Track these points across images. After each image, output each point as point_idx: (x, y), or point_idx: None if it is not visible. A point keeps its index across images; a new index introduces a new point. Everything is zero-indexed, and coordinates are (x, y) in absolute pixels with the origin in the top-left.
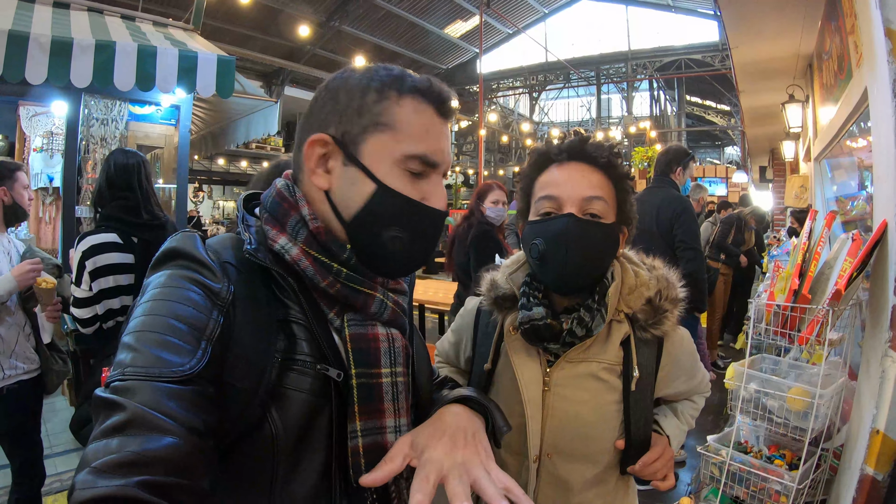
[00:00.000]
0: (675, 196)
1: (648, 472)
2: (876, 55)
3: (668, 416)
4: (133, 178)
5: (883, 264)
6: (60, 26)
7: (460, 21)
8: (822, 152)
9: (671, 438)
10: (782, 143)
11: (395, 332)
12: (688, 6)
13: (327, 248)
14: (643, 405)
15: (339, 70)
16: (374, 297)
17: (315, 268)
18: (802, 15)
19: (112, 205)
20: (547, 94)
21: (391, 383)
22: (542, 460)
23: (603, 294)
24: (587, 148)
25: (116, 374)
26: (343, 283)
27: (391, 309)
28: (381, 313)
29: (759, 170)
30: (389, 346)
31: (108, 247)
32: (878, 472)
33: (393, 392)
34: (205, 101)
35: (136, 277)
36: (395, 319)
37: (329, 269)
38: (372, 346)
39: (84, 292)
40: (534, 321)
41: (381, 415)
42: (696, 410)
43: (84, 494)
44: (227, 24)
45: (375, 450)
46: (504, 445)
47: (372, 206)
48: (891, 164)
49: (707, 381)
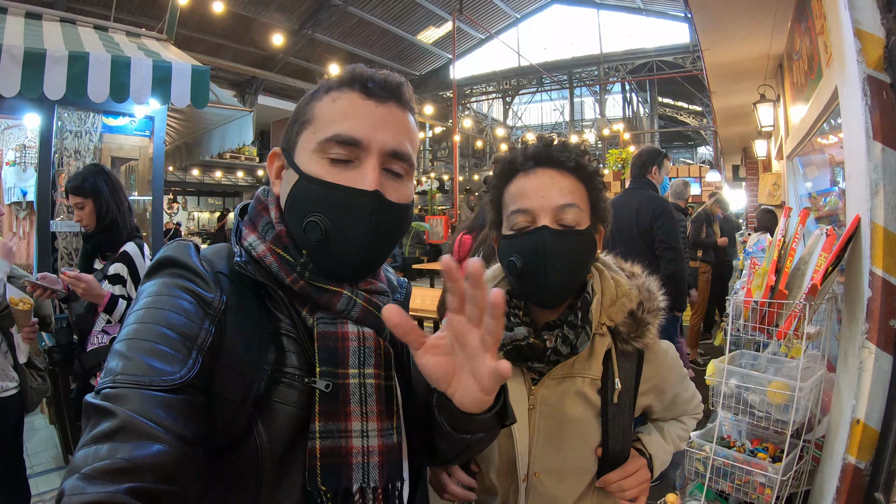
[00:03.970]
0: (654, 197)
1: (617, 488)
2: (846, 55)
3: (652, 434)
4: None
5: (857, 258)
6: (33, 37)
7: (433, 27)
8: (794, 150)
9: (653, 457)
10: (754, 142)
11: (368, 331)
12: (659, 9)
13: (288, 249)
14: (621, 419)
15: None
16: (341, 294)
17: (279, 264)
18: (773, 17)
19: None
20: (520, 98)
21: (359, 384)
22: (529, 479)
23: (586, 310)
24: (553, 152)
25: (107, 381)
26: (307, 280)
27: (361, 306)
28: (349, 311)
29: (732, 169)
30: (360, 346)
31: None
32: (859, 461)
33: (361, 394)
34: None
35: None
36: (367, 317)
37: (293, 267)
38: (340, 346)
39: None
40: (516, 342)
41: (345, 417)
42: (686, 433)
43: (73, 500)
44: (199, 34)
45: (335, 454)
46: (492, 467)
47: (293, 196)
48: (862, 161)
49: (699, 403)
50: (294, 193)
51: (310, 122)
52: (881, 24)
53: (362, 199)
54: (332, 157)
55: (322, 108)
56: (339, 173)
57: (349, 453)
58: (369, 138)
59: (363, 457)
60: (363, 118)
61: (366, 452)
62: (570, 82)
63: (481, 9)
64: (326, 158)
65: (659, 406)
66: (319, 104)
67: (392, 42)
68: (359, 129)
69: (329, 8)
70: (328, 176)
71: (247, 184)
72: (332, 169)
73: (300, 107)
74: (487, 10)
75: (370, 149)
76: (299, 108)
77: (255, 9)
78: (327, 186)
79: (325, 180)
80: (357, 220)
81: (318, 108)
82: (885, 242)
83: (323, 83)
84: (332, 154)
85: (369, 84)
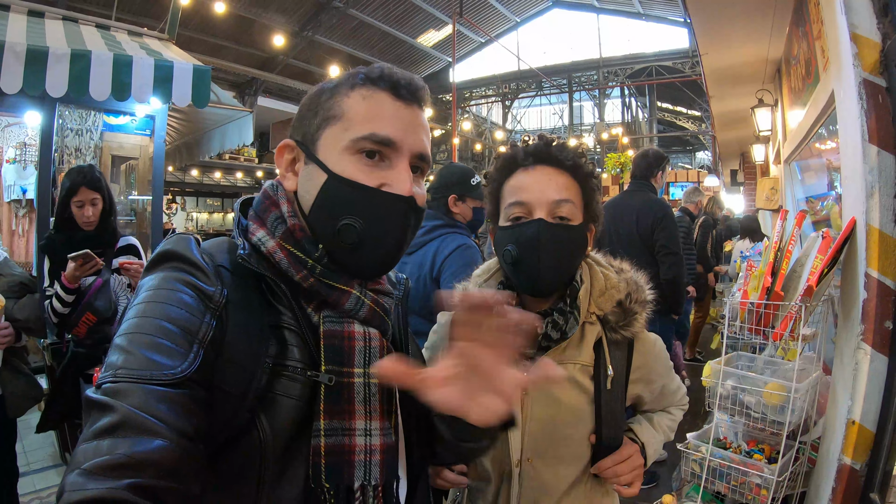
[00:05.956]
0: (656, 200)
1: (611, 474)
2: (842, 59)
3: (643, 424)
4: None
5: (853, 260)
6: (35, 35)
7: (433, 30)
8: (791, 154)
9: (646, 445)
10: (752, 147)
11: (373, 331)
12: (658, 14)
13: (301, 245)
14: (614, 405)
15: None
16: (350, 293)
17: (290, 261)
18: (770, 21)
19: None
20: (519, 102)
21: (363, 384)
22: (522, 465)
23: (574, 297)
24: (552, 151)
25: (108, 375)
26: (317, 277)
27: (368, 307)
28: (356, 310)
29: (730, 173)
30: (365, 346)
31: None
32: (855, 462)
33: (365, 393)
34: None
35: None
36: (373, 318)
37: (304, 264)
38: (346, 344)
39: None
40: None
41: (349, 416)
42: (674, 422)
43: (74, 496)
44: (200, 34)
45: (339, 452)
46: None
47: (323, 196)
48: (858, 164)
49: (685, 394)
50: (324, 194)
51: (337, 117)
52: (877, 29)
53: (398, 204)
54: (365, 156)
55: (352, 105)
56: (371, 173)
57: (353, 451)
58: (402, 140)
59: (366, 455)
60: (396, 120)
61: (368, 451)
62: (569, 86)
63: (482, 12)
64: (361, 158)
65: (649, 396)
66: (347, 100)
67: (392, 45)
68: (393, 130)
69: (330, 10)
70: (361, 177)
71: (246, 185)
72: (365, 168)
73: (319, 100)
74: (488, 14)
75: (402, 150)
76: (318, 101)
77: (255, 10)
78: (364, 190)
79: (362, 183)
80: (393, 225)
81: (347, 105)
82: (881, 244)
83: (343, 78)
84: (364, 151)
85: (399, 85)
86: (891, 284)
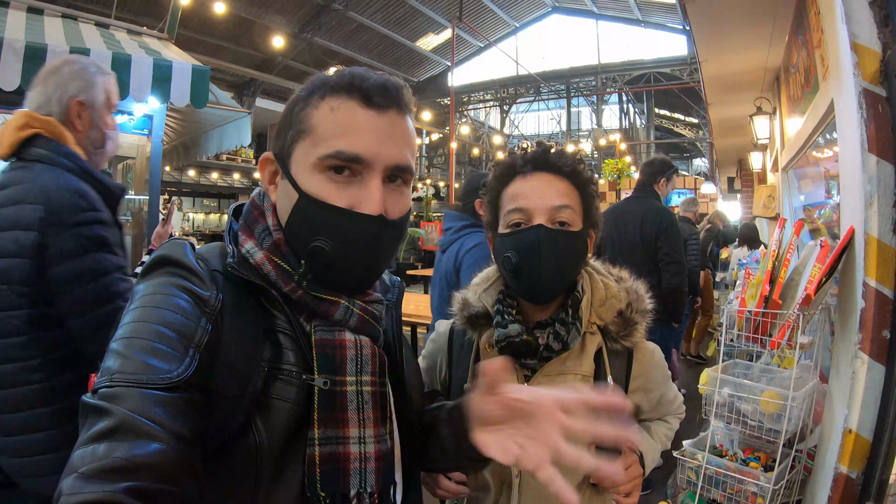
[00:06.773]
0: (660, 208)
1: (611, 483)
2: (842, 68)
3: (641, 433)
4: None
5: (851, 269)
6: (34, 32)
7: (432, 34)
8: (789, 163)
9: (644, 454)
10: (750, 154)
11: (365, 339)
12: (657, 21)
13: (287, 259)
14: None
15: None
16: (339, 304)
17: (277, 273)
18: (770, 30)
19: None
20: (517, 107)
21: (356, 392)
22: (522, 475)
23: (576, 308)
24: (551, 157)
25: (104, 380)
26: (305, 290)
27: (358, 316)
28: (346, 320)
29: (727, 180)
30: (357, 354)
31: None
32: (851, 471)
33: (358, 401)
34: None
35: None
36: (364, 327)
37: (291, 277)
38: (337, 353)
39: None
40: (510, 338)
41: (343, 424)
42: (671, 431)
43: (71, 500)
44: (199, 35)
45: (333, 460)
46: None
47: (296, 215)
48: (857, 173)
49: (681, 403)
50: (296, 214)
51: (306, 132)
52: (878, 38)
53: (367, 224)
54: (334, 173)
55: (320, 119)
56: (341, 191)
57: (347, 459)
58: (373, 154)
59: (360, 462)
60: (366, 132)
61: (363, 458)
62: (567, 92)
63: (481, 17)
64: (330, 176)
65: (647, 405)
66: (316, 112)
67: (391, 48)
68: (362, 145)
69: (329, 12)
70: (330, 196)
71: (243, 185)
72: (333, 187)
73: (293, 111)
74: (487, 19)
75: (373, 166)
76: (292, 113)
77: (255, 11)
78: (331, 211)
79: (329, 203)
80: (362, 245)
81: (316, 118)
82: (879, 254)
83: (315, 84)
84: (333, 171)
85: (370, 92)
86: (889, 294)
